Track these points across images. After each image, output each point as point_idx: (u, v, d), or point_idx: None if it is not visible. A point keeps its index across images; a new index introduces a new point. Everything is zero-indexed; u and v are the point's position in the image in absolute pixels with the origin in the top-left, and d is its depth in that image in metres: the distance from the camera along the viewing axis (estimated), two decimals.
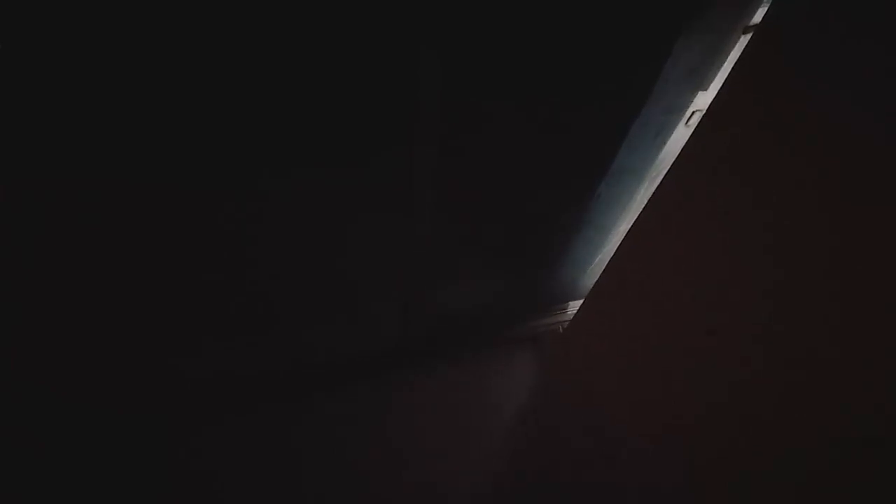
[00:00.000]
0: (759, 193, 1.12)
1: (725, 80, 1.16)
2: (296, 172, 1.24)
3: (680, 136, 1.50)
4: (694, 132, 1.26)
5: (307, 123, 1.16)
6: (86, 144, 1.09)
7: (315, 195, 1.31)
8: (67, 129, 1.05)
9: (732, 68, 1.14)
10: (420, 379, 2.07)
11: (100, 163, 1.13)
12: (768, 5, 1.08)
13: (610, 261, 1.67)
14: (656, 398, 1.58)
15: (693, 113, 1.46)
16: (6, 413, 1.62)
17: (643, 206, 1.45)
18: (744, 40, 1.32)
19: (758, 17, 1.28)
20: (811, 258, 1.03)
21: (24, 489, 1.52)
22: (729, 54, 1.34)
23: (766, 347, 1.17)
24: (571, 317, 2.17)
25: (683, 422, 1.47)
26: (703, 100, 1.43)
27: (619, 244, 1.60)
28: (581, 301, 1.96)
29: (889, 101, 0.87)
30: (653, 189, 1.40)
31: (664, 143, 1.51)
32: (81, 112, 1.03)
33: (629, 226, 1.52)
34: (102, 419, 1.74)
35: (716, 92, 1.19)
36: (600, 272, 1.73)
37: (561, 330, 2.29)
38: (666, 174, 1.34)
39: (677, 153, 1.31)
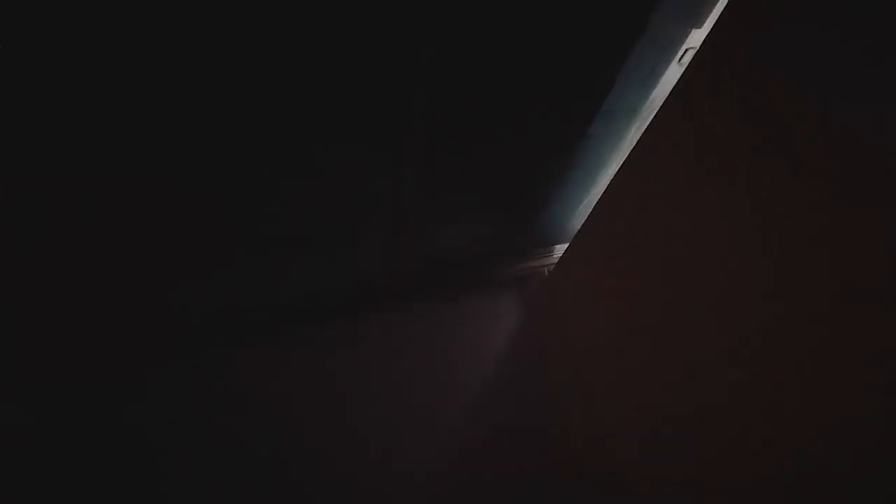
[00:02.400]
0: (753, 132, 1.12)
1: (719, 17, 1.14)
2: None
3: (672, 74, 1.49)
4: (686, 70, 1.25)
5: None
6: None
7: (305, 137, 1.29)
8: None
9: (726, 5, 1.12)
10: (403, 317, 2.11)
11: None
12: None
13: (597, 203, 1.68)
14: (638, 344, 1.62)
15: (686, 50, 1.44)
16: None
17: (633, 146, 1.45)
18: None
19: None
20: (801, 197, 1.05)
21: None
22: None
23: (757, 298, 1.18)
24: (557, 260, 2.20)
25: (665, 369, 1.51)
26: (696, 37, 1.42)
27: (607, 186, 1.61)
28: (567, 244, 1.99)
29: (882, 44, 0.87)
30: (643, 129, 1.40)
31: (657, 81, 1.50)
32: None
33: (618, 167, 1.52)
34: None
35: (709, 29, 1.18)
36: (587, 215, 1.75)
37: (546, 273, 2.33)
38: (657, 113, 1.34)
39: (669, 92, 1.30)
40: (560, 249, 2.33)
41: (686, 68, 1.25)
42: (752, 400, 1.22)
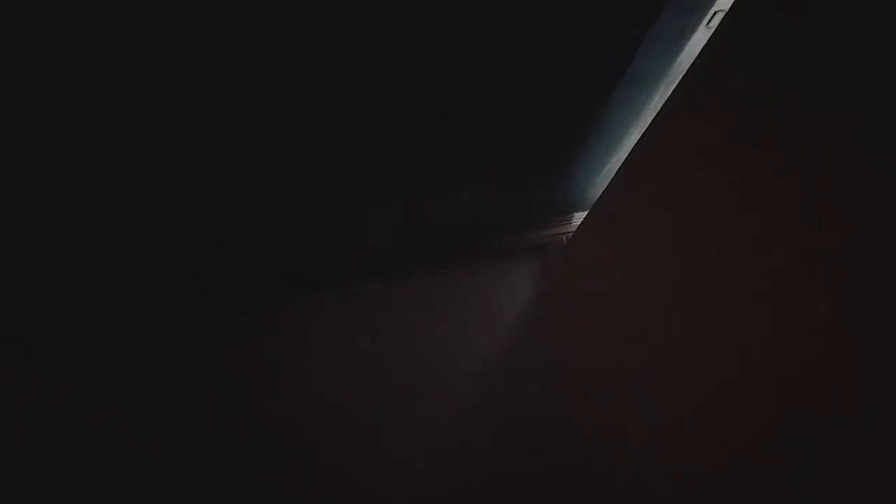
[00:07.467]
0: (784, 97, 1.09)
1: None
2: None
3: (700, 38, 1.45)
4: (714, 33, 1.22)
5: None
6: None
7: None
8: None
9: None
10: (417, 286, 2.12)
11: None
12: None
13: (618, 171, 1.66)
14: (656, 316, 1.61)
15: (715, 13, 1.40)
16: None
17: (657, 112, 1.43)
18: None
19: None
20: (833, 163, 1.03)
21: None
22: None
23: (784, 270, 1.17)
24: (576, 228, 2.20)
25: (684, 346, 1.50)
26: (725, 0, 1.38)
27: (629, 153, 1.59)
28: (587, 212, 1.98)
29: None
30: (668, 94, 1.37)
31: (683, 45, 1.46)
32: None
33: (641, 134, 1.50)
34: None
35: None
36: (608, 182, 1.73)
37: (564, 241, 2.33)
38: (682, 78, 1.31)
39: (695, 56, 1.27)
40: (579, 217, 2.32)
41: (714, 32, 1.22)
42: (773, 377, 1.22)
